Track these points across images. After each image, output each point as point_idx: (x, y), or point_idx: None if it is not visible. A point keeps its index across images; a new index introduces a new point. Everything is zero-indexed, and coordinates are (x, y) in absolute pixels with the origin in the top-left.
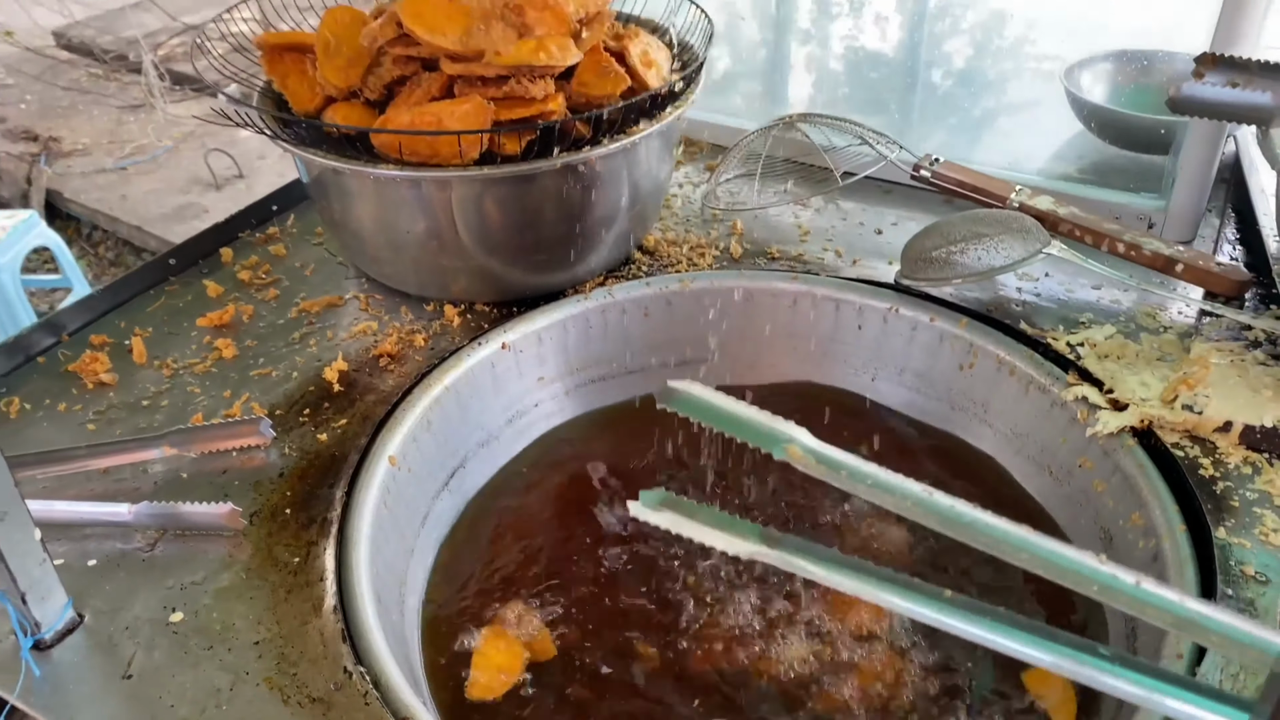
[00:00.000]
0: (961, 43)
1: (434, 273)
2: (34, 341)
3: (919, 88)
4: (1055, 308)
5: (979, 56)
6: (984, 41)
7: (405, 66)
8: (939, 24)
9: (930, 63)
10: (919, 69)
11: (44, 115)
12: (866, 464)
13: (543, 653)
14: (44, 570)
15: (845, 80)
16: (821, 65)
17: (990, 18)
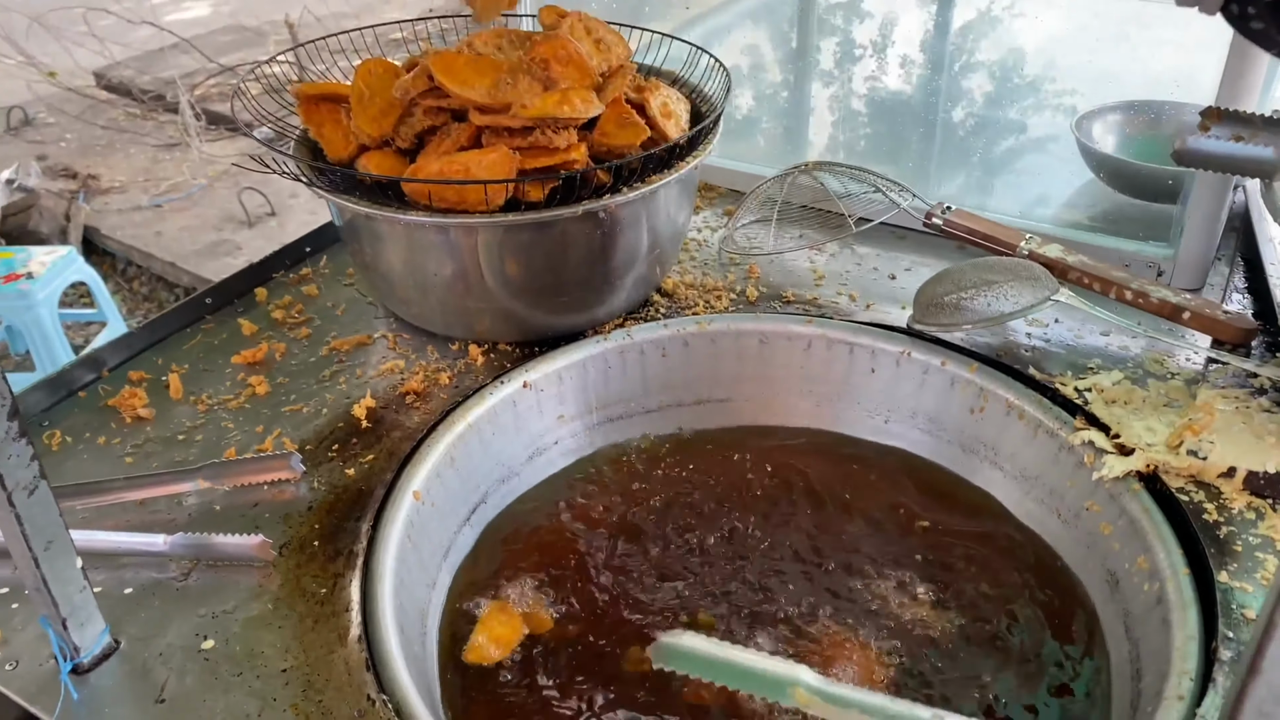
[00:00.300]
0: (980, 79)
1: (459, 314)
2: (75, 377)
3: (938, 132)
4: (1064, 353)
5: (998, 94)
6: (1003, 78)
7: (436, 117)
8: (958, 63)
9: (950, 102)
10: (938, 111)
11: (83, 153)
12: (873, 696)
13: (539, 626)
14: (84, 597)
15: (865, 124)
16: (843, 108)
17: (1009, 55)
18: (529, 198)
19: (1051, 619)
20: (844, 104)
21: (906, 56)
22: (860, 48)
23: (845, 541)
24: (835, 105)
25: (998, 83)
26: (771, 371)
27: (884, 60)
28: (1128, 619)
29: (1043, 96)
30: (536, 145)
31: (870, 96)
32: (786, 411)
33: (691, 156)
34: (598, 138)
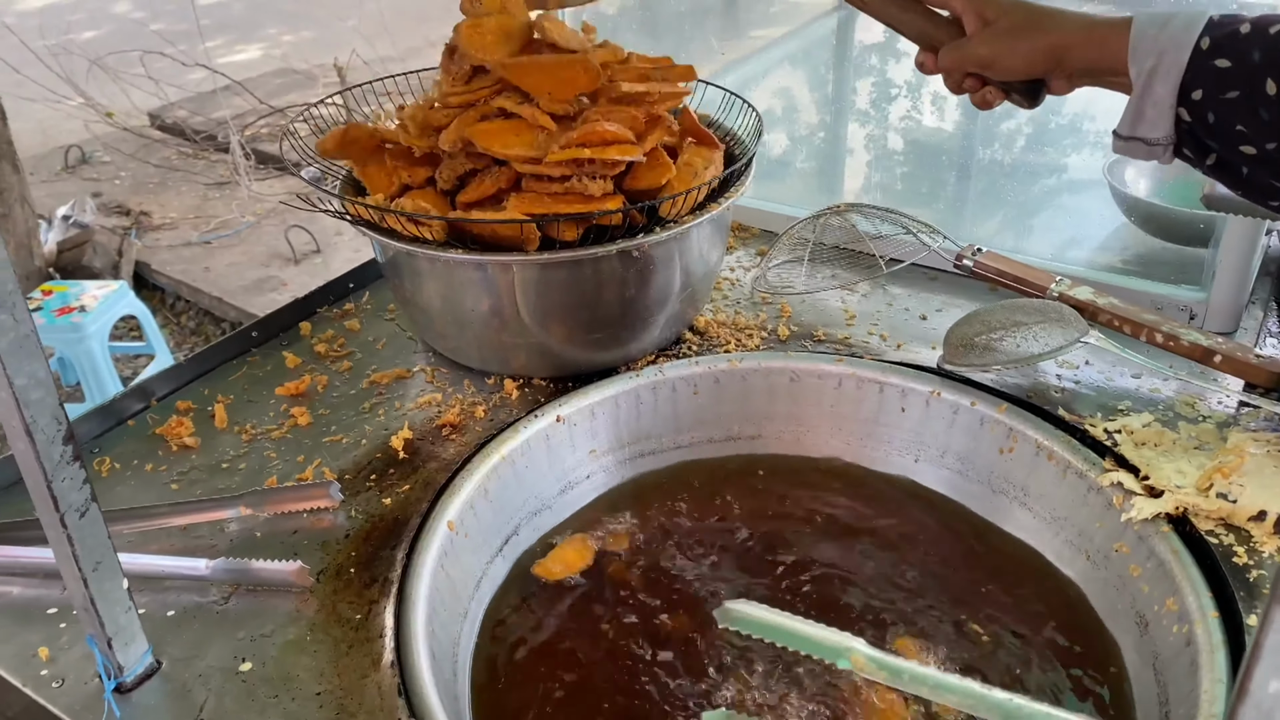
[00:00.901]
0: (1014, 122)
1: (495, 349)
2: (125, 406)
3: (972, 174)
4: (1094, 395)
5: (1032, 137)
6: (1037, 120)
7: (477, 161)
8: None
9: (984, 144)
10: (973, 154)
11: (136, 191)
12: (925, 669)
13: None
14: (129, 618)
15: (899, 166)
16: (878, 150)
17: (1068, 115)
18: (564, 237)
19: (1079, 660)
20: (878, 146)
21: (941, 98)
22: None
23: (867, 579)
24: (870, 148)
25: (1032, 125)
26: (802, 409)
27: (919, 103)
28: (1157, 661)
29: (1077, 139)
30: (572, 192)
31: (905, 139)
32: (816, 448)
33: (724, 198)
34: (629, 180)
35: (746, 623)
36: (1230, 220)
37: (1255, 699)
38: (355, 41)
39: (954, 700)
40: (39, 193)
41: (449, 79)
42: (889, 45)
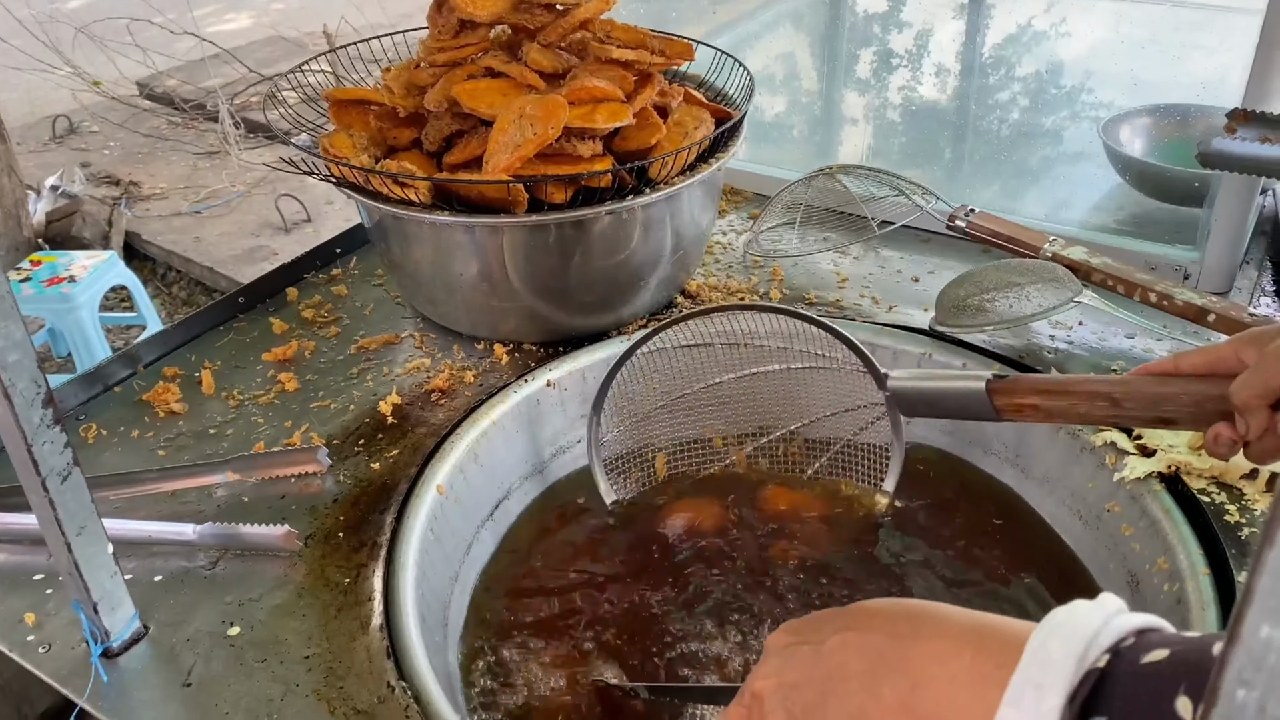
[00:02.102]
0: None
1: (485, 313)
2: (111, 372)
3: (968, 137)
4: (1087, 355)
5: (1027, 100)
6: (1032, 84)
7: (463, 122)
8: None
9: (979, 107)
10: (968, 116)
11: (125, 161)
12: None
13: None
14: (114, 582)
15: (894, 129)
16: (872, 114)
17: (1039, 61)
18: (553, 199)
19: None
20: (873, 110)
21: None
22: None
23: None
24: (864, 111)
25: (1027, 88)
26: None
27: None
28: None
29: (1071, 102)
30: (561, 153)
31: (900, 102)
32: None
33: (715, 158)
34: (618, 140)
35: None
36: (1225, 179)
37: (1247, 644)
38: (345, 9)
39: None
40: (26, 163)
41: (436, 33)
42: (890, 15)
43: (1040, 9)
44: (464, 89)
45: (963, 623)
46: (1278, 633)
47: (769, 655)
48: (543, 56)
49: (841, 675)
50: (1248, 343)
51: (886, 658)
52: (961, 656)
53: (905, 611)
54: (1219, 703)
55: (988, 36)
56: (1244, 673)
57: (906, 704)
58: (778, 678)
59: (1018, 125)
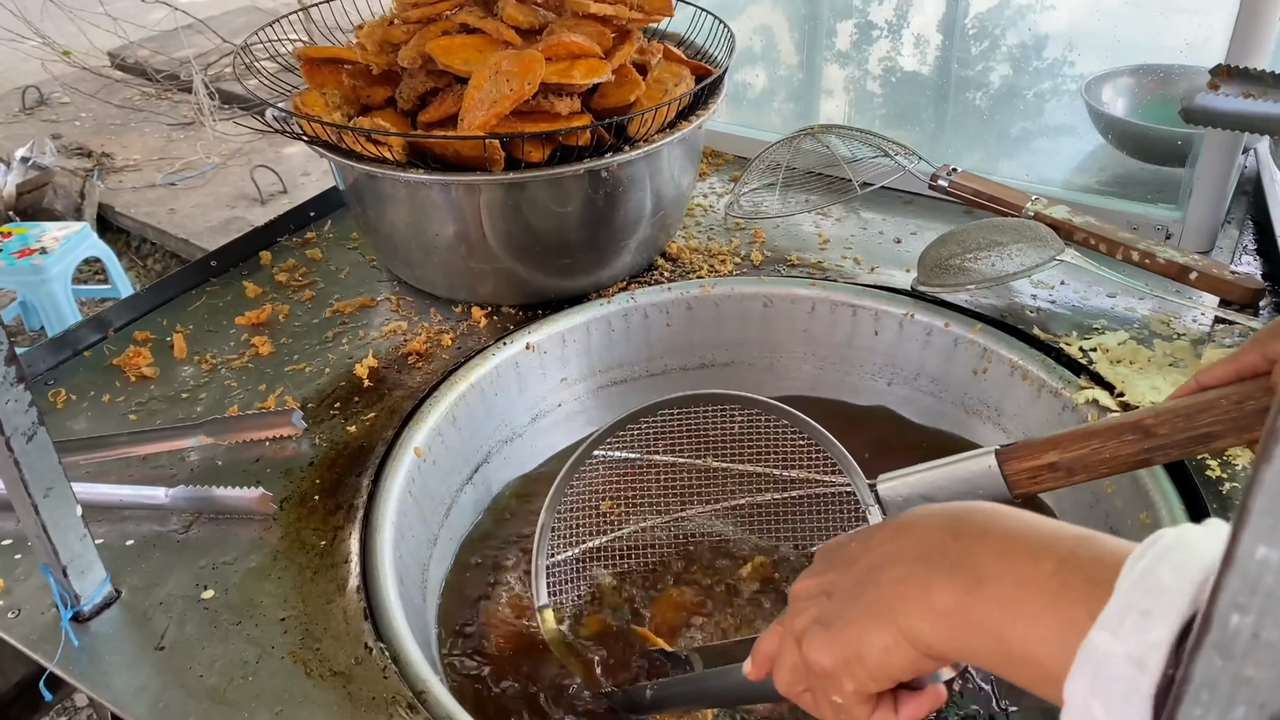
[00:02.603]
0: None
1: (462, 275)
2: (81, 337)
3: (950, 97)
4: (1069, 314)
5: (1010, 61)
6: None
7: (438, 79)
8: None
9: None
10: (950, 77)
11: (98, 132)
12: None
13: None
14: (84, 545)
15: (877, 91)
16: (855, 73)
17: (1022, 21)
18: (530, 158)
19: None
20: (855, 76)
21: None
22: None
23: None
24: (845, 77)
25: (1009, 52)
26: (775, 335)
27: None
28: None
29: (1054, 63)
30: (539, 110)
31: (881, 69)
32: (790, 375)
33: (695, 116)
34: (596, 99)
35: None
36: (1207, 138)
37: (1241, 567)
38: None
39: None
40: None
41: None
42: None
43: None
44: (439, 45)
45: (1050, 531)
46: (1274, 553)
47: (816, 559)
48: (519, 12)
49: (889, 561)
50: (1269, 338)
51: (946, 550)
52: (1041, 564)
53: (981, 509)
54: (1212, 629)
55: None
56: (1238, 596)
57: (961, 604)
58: (818, 577)
59: (1000, 88)
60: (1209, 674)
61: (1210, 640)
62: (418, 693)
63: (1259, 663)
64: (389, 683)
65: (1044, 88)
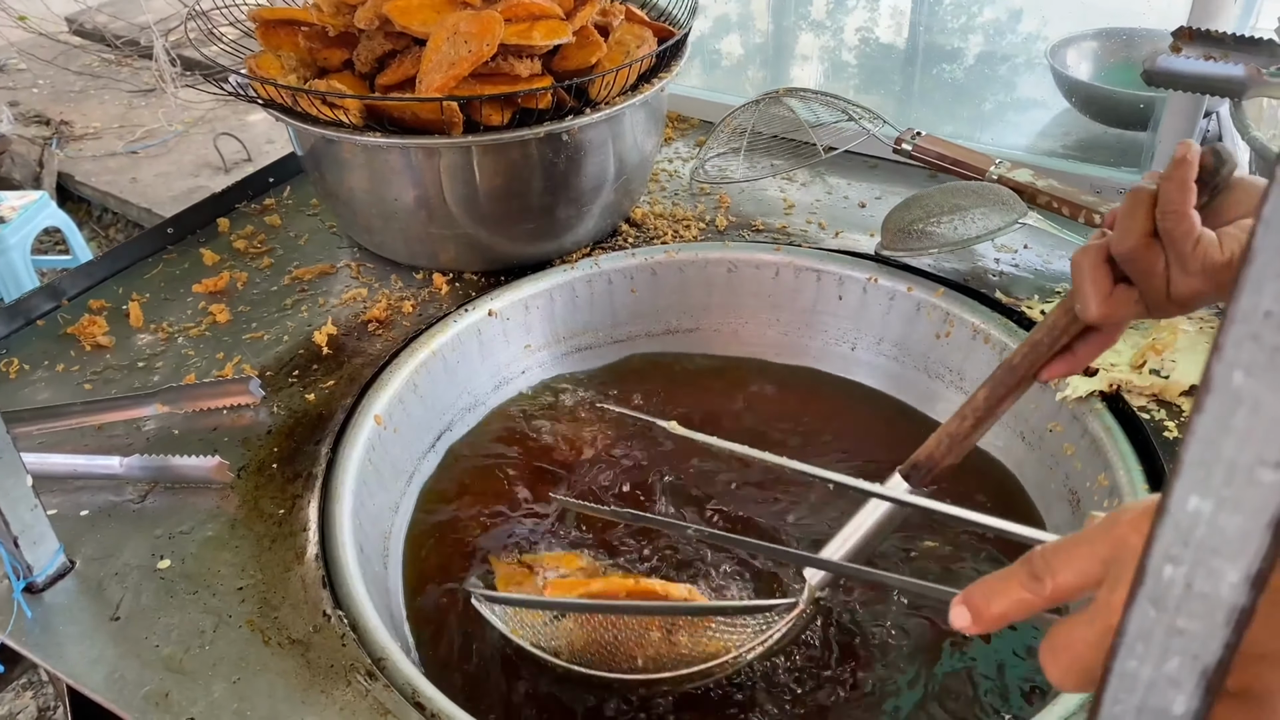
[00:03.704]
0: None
1: (423, 241)
2: (34, 305)
3: (919, 62)
4: (1032, 278)
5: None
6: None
7: (396, 41)
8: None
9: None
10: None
11: (56, 100)
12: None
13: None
14: (35, 516)
15: (845, 58)
16: (827, 48)
17: (1003, 8)
18: (489, 121)
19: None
20: (824, 43)
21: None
22: None
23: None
24: (815, 44)
25: (978, 18)
26: (739, 300)
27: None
28: None
29: (1020, 29)
30: (498, 72)
31: (856, 31)
32: (754, 340)
33: (657, 79)
34: (557, 60)
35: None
36: (1170, 101)
37: (1174, 517)
38: None
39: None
40: None
41: None
42: None
43: None
44: (396, 6)
45: None
46: (1206, 504)
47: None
48: None
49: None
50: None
51: None
52: None
53: None
54: (1145, 580)
55: None
56: (1171, 548)
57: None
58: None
59: (966, 52)
60: (1143, 625)
61: (1144, 592)
62: (377, 660)
63: (1191, 614)
64: (347, 650)
65: (1010, 46)
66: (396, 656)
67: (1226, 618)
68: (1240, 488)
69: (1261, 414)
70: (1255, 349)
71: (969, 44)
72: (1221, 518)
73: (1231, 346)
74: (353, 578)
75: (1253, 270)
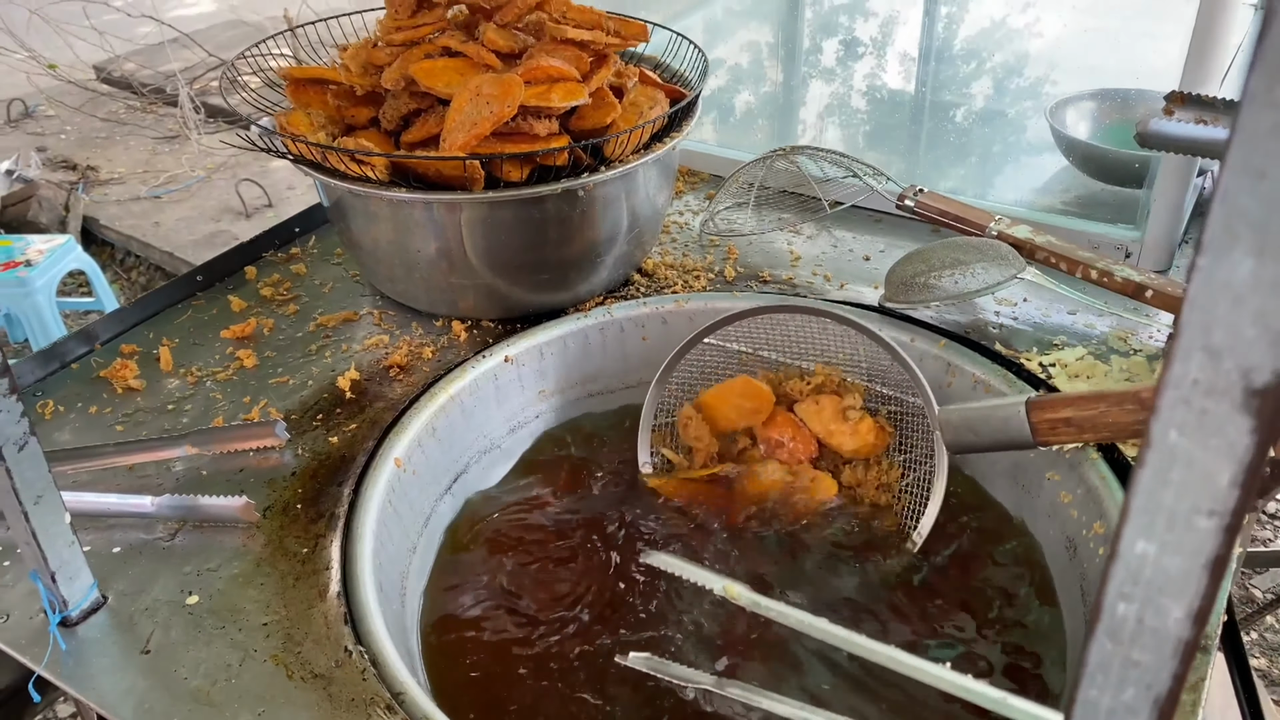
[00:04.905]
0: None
1: (443, 290)
2: (69, 350)
3: (925, 121)
4: (1031, 331)
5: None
6: (989, 77)
7: (421, 101)
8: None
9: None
10: (925, 103)
11: (82, 145)
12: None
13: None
14: (72, 552)
15: (852, 116)
16: (834, 102)
17: (995, 48)
18: (509, 177)
19: (1012, 584)
20: (830, 97)
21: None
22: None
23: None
24: (821, 98)
25: (979, 74)
26: None
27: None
28: (1084, 582)
29: (1021, 87)
30: (518, 131)
31: (856, 90)
32: None
33: (670, 137)
34: (574, 120)
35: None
36: (1164, 161)
37: (1125, 559)
38: None
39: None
40: None
41: (393, 12)
42: (857, 4)
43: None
44: (421, 68)
45: None
46: (1151, 547)
47: None
48: (499, 36)
49: None
50: None
51: None
52: None
53: None
54: (1102, 617)
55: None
56: (1123, 587)
57: None
58: None
59: (969, 111)
60: (1102, 657)
61: (1102, 627)
62: (396, 694)
63: (1144, 647)
64: (368, 685)
65: (1012, 105)
66: (415, 692)
67: (1174, 650)
68: (1180, 533)
69: (1194, 468)
70: (1186, 411)
71: (974, 99)
72: (1165, 559)
73: (1166, 409)
74: (373, 616)
75: (1182, 342)
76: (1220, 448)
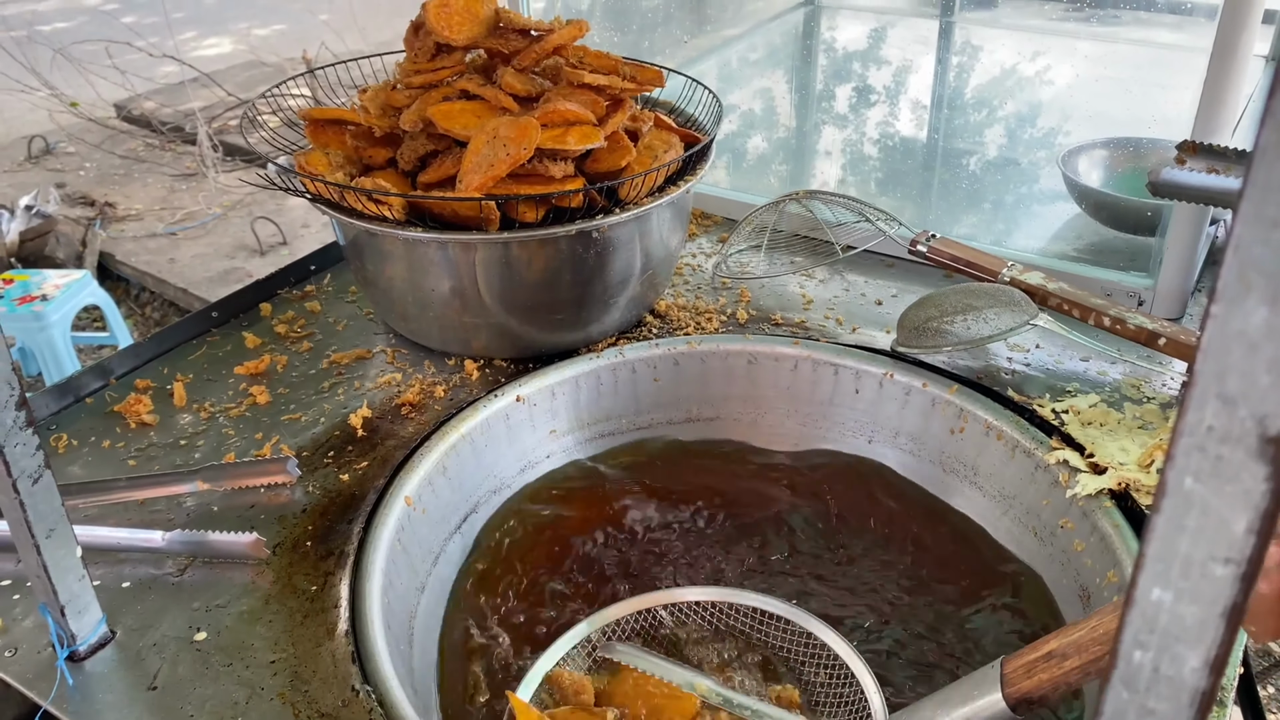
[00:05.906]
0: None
1: (456, 329)
2: (83, 384)
3: (937, 168)
4: (1043, 377)
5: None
6: (999, 117)
7: (438, 143)
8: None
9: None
10: (938, 149)
11: (101, 182)
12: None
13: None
14: (82, 586)
15: (865, 160)
16: (846, 147)
17: (1006, 95)
18: (524, 219)
19: (1026, 633)
20: (842, 142)
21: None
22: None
23: (819, 548)
24: (834, 142)
25: (990, 121)
26: (759, 391)
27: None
28: None
29: (1034, 135)
30: (534, 173)
31: (869, 135)
32: (773, 429)
33: (684, 180)
34: (589, 162)
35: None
36: (1177, 209)
37: (1141, 607)
38: (325, 35)
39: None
40: (1, 183)
41: (412, 56)
42: (870, 52)
43: (1007, 46)
44: (439, 110)
45: None
46: (1167, 595)
47: None
48: (517, 80)
49: None
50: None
51: None
52: None
53: None
54: (1118, 665)
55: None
56: (1139, 635)
57: None
58: None
59: (982, 158)
60: (1118, 706)
61: (1117, 675)
62: None
63: (1159, 695)
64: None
65: (1024, 153)
66: None
67: (1190, 699)
68: (1196, 580)
69: (1210, 515)
70: (1201, 458)
71: (986, 147)
72: (1181, 607)
73: (1181, 456)
74: (381, 654)
75: (1196, 390)
76: (1236, 495)
